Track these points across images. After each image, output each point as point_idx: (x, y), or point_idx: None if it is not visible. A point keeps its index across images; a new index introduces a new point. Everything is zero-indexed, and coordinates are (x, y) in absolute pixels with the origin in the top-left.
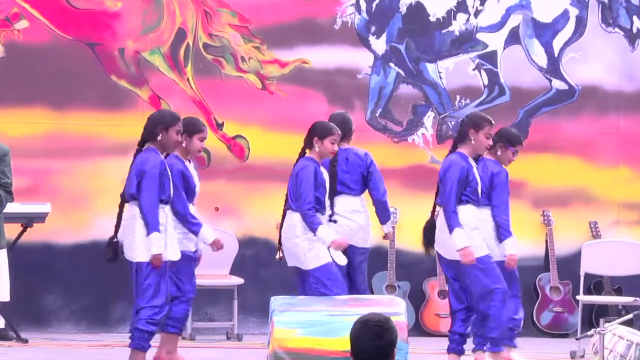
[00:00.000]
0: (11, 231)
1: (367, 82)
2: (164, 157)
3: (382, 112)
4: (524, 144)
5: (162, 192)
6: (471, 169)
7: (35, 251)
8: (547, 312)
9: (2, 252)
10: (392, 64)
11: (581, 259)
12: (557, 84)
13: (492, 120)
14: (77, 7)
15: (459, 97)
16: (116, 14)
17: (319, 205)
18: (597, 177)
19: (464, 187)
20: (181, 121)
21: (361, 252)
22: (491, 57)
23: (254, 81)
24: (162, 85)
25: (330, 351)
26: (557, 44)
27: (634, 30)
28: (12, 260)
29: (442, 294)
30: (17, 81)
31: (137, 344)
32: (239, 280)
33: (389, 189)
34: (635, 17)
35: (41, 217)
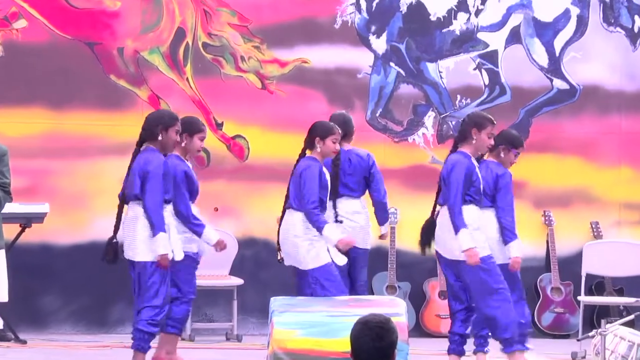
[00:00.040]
0: (10, 231)
1: (368, 81)
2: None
3: (382, 111)
4: (524, 144)
5: (165, 192)
6: (474, 169)
7: (33, 252)
8: (548, 312)
9: (0, 252)
10: (392, 64)
11: (582, 259)
12: (558, 83)
13: (494, 120)
14: (76, 7)
15: (459, 96)
16: (115, 14)
17: (321, 205)
18: (599, 177)
19: (467, 187)
20: (179, 121)
21: (361, 252)
22: (492, 57)
23: (253, 81)
24: (162, 84)
25: (330, 352)
26: (558, 43)
27: (636, 29)
28: (11, 260)
29: (443, 294)
30: (16, 81)
31: (138, 344)
32: (239, 280)
33: (389, 189)
34: (636, 17)
35: (40, 218)
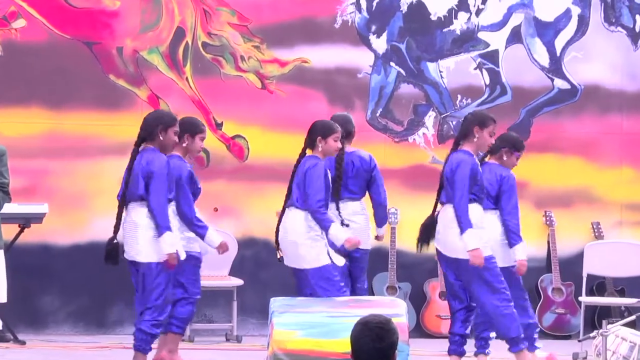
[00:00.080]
0: (8, 232)
1: (368, 81)
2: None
3: (382, 111)
4: (525, 144)
5: (168, 191)
6: (478, 167)
7: (32, 252)
8: (549, 313)
9: None
10: (392, 63)
11: (584, 260)
12: (559, 83)
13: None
14: (74, 6)
15: (460, 96)
16: (114, 13)
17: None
18: (600, 178)
19: (472, 186)
20: (178, 121)
21: (361, 253)
22: (493, 57)
23: (253, 80)
24: (161, 84)
25: (330, 353)
26: (559, 43)
27: (637, 29)
28: (9, 261)
29: (443, 295)
30: (14, 80)
31: (139, 345)
32: (239, 281)
33: (390, 189)
34: (638, 16)
35: (38, 218)
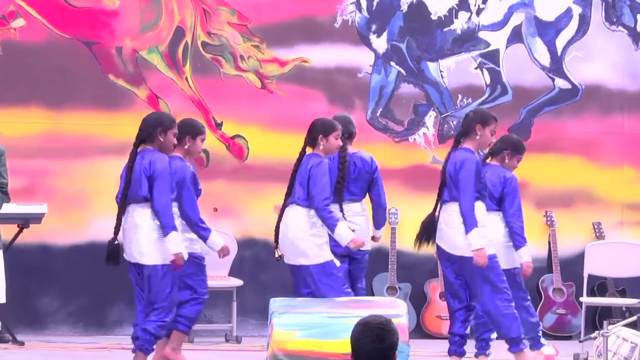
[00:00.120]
0: (7, 232)
1: (368, 81)
2: None
3: (383, 111)
4: (526, 144)
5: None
6: (481, 165)
7: (31, 252)
8: (550, 314)
9: None
10: (393, 63)
11: (584, 260)
12: (560, 83)
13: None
14: (74, 5)
15: (460, 96)
16: (114, 13)
17: None
18: (601, 178)
19: (476, 184)
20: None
21: (361, 254)
22: (493, 56)
23: (253, 80)
24: (160, 84)
25: (330, 353)
26: (560, 42)
27: (638, 28)
28: (8, 261)
29: (444, 295)
30: (14, 80)
31: (142, 345)
32: (238, 281)
33: (390, 189)
34: (639, 16)
35: (37, 218)
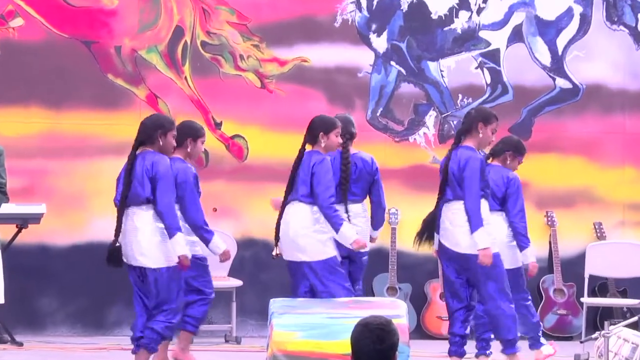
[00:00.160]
0: (6, 232)
1: (368, 80)
2: None
3: (383, 111)
4: (526, 144)
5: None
6: (485, 163)
7: (30, 252)
8: (551, 314)
9: None
10: (393, 63)
11: (585, 260)
12: (561, 82)
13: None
14: (73, 5)
15: (461, 96)
16: (113, 12)
17: None
18: (602, 178)
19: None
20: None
21: (361, 255)
22: (494, 56)
23: (252, 80)
24: (160, 84)
25: (330, 354)
26: (561, 42)
27: (639, 28)
28: (7, 261)
29: (444, 296)
30: (12, 80)
31: (148, 344)
32: (238, 282)
33: (390, 189)
34: None
35: (36, 218)
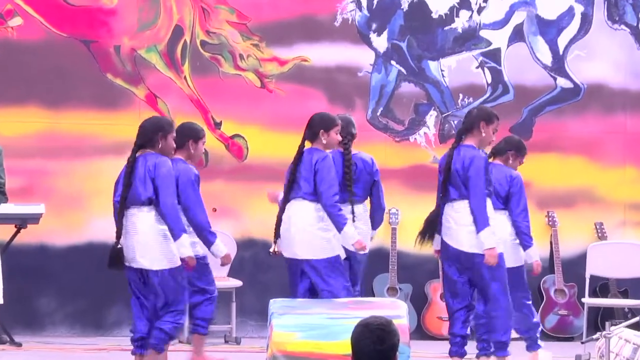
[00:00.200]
0: (4, 232)
1: (368, 80)
2: None
3: (383, 111)
4: (527, 144)
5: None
6: (488, 161)
7: (29, 253)
8: (551, 315)
9: None
10: (393, 62)
11: (587, 260)
12: (562, 82)
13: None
14: (72, 4)
15: (461, 95)
16: (112, 11)
17: None
18: (603, 178)
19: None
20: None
21: (361, 256)
22: (495, 55)
23: (252, 79)
24: (159, 83)
25: (330, 355)
26: (562, 41)
27: None
28: (6, 262)
29: (445, 296)
30: (11, 79)
31: (158, 345)
32: (237, 282)
33: (391, 189)
34: None
35: (35, 218)
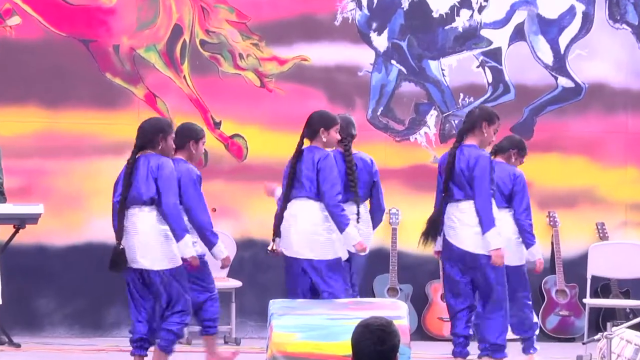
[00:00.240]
0: (3, 232)
1: (368, 79)
2: None
3: (383, 110)
4: (528, 144)
5: None
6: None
7: (27, 253)
8: (553, 315)
9: None
10: (393, 61)
11: (588, 261)
12: (563, 81)
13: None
14: (70, 3)
15: (462, 95)
16: (111, 10)
17: None
18: (604, 178)
19: None
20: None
21: (360, 258)
22: (495, 54)
23: (252, 79)
24: (158, 83)
25: (330, 356)
26: (563, 40)
27: None
28: (4, 262)
29: (445, 296)
30: (9, 79)
31: (167, 346)
32: (237, 283)
33: (391, 189)
34: None
35: (34, 218)
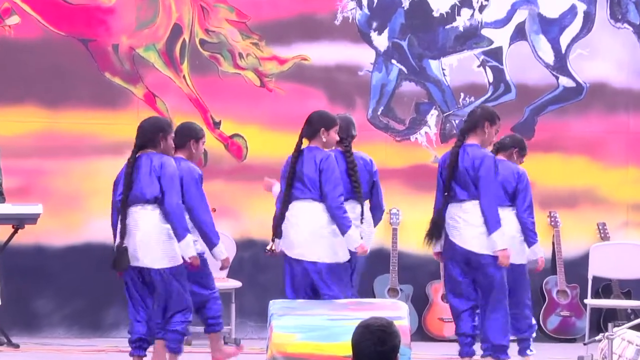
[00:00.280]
0: (2, 233)
1: (369, 79)
2: None
3: (384, 110)
4: (529, 143)
5: None
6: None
7: (26, 253)
8: (554, 316)
9: None
10: (394, 61)
11: (589, 261)
12: (564, 81)
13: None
14: (70, 2)
15: (463, 94)
16: (110, 9)
17: None
18: (606, 178)
19: None
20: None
21: (361, 257)
22: (496, 54)
23: (252, 78)
24: (158, 82)
25: (330, 356)
26: (565, 40)
27: None
28: (3, 262)
29: (446, 297)
30: (8, 78)
31: (175, 347)
32: (237, 283)
33: (391, 189)
34: None
35: (33, 219)
